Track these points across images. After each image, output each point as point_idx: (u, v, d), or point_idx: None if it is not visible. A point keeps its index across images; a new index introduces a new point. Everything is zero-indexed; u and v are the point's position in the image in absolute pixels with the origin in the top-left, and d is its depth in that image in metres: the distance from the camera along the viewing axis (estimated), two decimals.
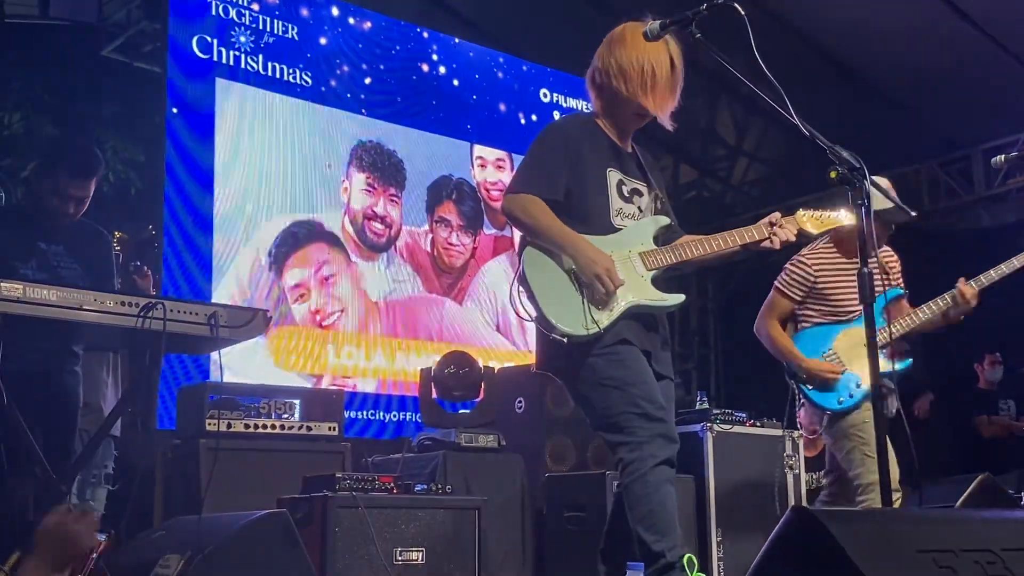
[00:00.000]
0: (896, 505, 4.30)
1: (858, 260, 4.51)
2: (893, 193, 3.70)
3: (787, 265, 4.67)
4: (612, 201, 3.37)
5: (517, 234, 3.93)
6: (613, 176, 3.40)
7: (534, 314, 3.20)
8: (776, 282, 4.67)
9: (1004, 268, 4.55)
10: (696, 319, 12.01)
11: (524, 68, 8.76)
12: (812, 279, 4.56)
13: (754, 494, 5.97)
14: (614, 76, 3.39)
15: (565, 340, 3.14)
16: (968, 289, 4.47)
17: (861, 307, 4.43)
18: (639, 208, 3.44)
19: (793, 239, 3.43)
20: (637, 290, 3.27)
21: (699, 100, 9.93)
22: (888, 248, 4.72)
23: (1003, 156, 4.90)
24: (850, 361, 4.44)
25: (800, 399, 4.57)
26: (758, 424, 6.22)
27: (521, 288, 3.25)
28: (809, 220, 3.49)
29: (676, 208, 3.59)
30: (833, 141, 3.06)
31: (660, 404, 3.17)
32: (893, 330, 4.41)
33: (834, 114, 7.67)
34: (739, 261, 10.66)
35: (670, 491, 3.11)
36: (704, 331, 12.04)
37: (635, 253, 3.32)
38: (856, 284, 4.46)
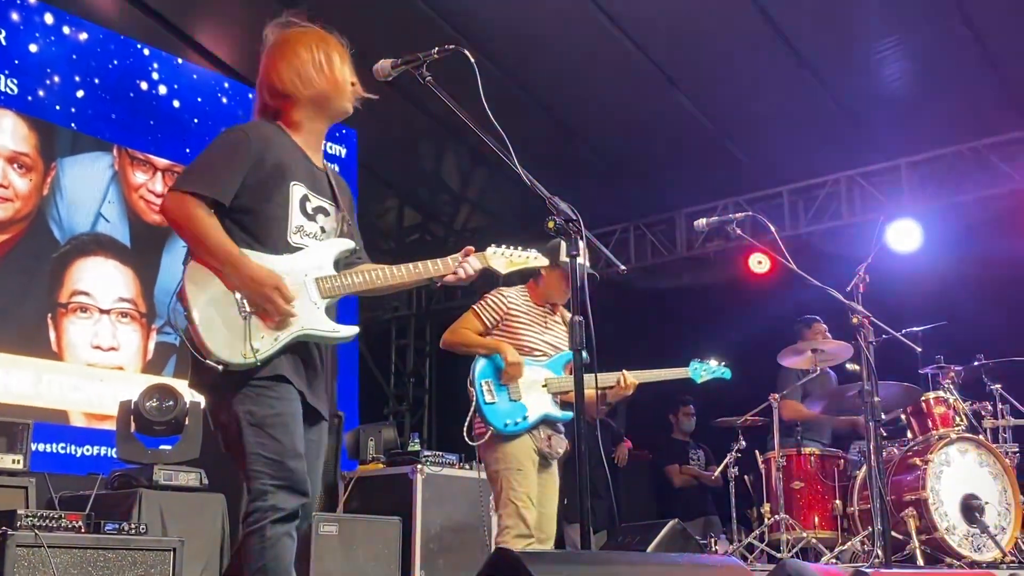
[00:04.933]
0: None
1: (546, 306, 4.84)
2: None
3: (486, 295, 4.88)
4: (292, 216, 3.09)
5: None
6: (297, 190, 3.11)
7: (188, 336, 2.92)
8: (474, 305, 4.86)
9: (663, 374, 4.93)
10: (413, 361, 12.09)
11: (251, 95, 8.53)
12: (504, 311, 4.79)
13: (461, 536, 6.02)
14: (290, 80, 3.16)
15: (220, 368, 2.89)
16: (631, 378, 4.79)
17: (544, 349, 4.74)
18: (322, 228, 3.17)
19: (472, 276, 3.34)
20: (307, 318, 3.03)
21: (427, 146, 10.08)
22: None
23: (705, 220, 5.22)
24: (526, 396, 4.66)
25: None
26: (467, 467, 6.29)
27: (180, 306, 2.95)
28: (498, 258, 3.52)
29: (399, 250, 3.46)
30: (553, 194, 3.15)
31: (297, 452, 2.95)
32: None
33: (555, 170, 7.99)
34: (457, 306, 10.88)
35: (288, 545, 2.92)
36: (420, 373, 12.14)
37: (311, 278, 3.08)
38: (543, 328, 4.80)
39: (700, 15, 7.78)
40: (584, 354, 3.04)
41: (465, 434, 4.65)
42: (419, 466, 6.01)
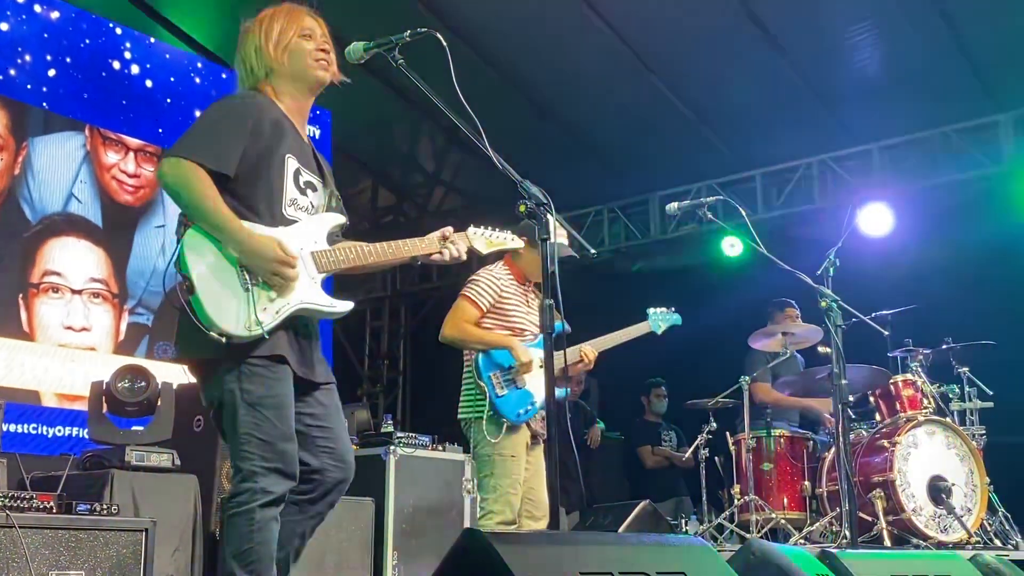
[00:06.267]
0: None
1: (527, 285, 4.82)
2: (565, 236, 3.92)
3: (475, 277, 4.79)
4: (287, 189, 3.09)
5: None
6: (291, 163, 3.11)
7: (191, 306, 2.87)
8: (465, 291, 4.76)
9: (623, 335, 4.93)
10: (387, 342, 12.09)
11: (224, 75, 8.52)
12: (499, 295, 4.73)
13: (433, 517, 6.05)
14: (273, 49, 3.20)
15: (224, 340, 2.86)
16: (591, 351, 4.84)
17: (532, 330, 4.72)
18: (312, 203, 3.18)
19: (462, 256, 3.42)
20: (306, 292, 3.05)
21: (401, 127, 10.05)
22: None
23: (677, 203, 5.25)
24: (528, 381, 4.62)
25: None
26: (441, 448, 6.31)
27: (179, 276, 2.90)
28: (479, 238, 3.56)
29: (373, 231, 3.49)
30: (526, 176, 3.17)
31: (289, 435, 2.96)
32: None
33: (529, 153, 8.00)
34: (432, 288, 10.89)
35: (274, 529, 2.94)
36: (394, 355, 12.14)
37: (307, 252, 3.09)
38: (527, 307, 4.79)
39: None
40: (561, 325, 3.12)
41: (486, 433, 4.57)
42: (392, 447, 6.02)
